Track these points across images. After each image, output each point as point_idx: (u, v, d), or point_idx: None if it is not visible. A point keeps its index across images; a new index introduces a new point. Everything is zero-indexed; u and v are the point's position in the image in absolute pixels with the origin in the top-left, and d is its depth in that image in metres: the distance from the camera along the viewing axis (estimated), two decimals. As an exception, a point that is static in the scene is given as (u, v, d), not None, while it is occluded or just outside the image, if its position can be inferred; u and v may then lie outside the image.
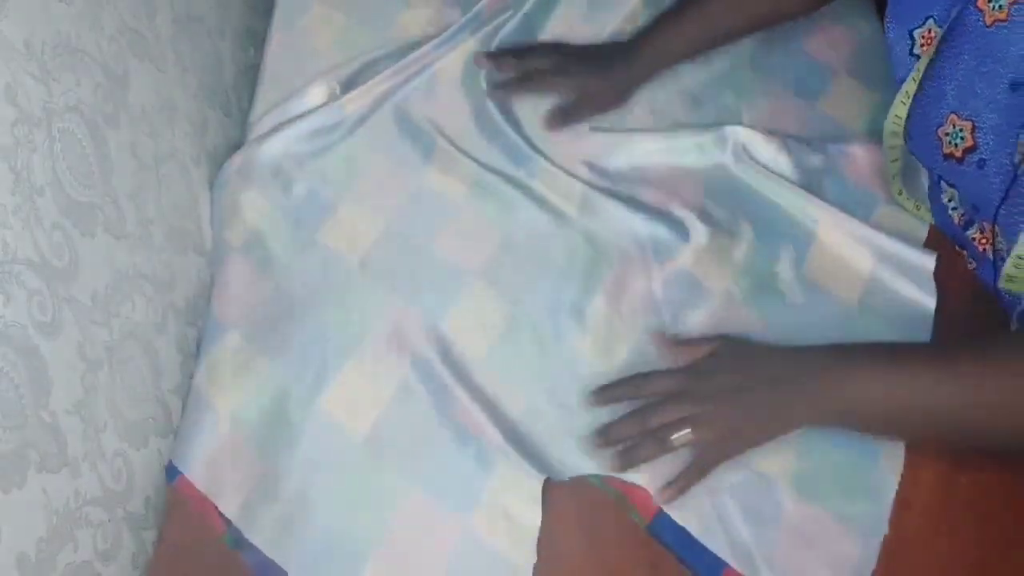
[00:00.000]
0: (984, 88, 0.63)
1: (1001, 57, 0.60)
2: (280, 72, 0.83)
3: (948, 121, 0.65)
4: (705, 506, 0.65)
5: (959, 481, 0.67)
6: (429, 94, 0.82)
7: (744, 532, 0.64)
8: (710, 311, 0.72)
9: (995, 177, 0.64)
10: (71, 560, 0.52)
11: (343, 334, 0.71)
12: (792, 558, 0.64)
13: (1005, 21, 0.58)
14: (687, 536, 0.64)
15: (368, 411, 0.68)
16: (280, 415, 0.68)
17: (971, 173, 0.66)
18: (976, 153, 0.64)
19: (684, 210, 0.77)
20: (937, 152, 0.68)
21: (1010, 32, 0.59)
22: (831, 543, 0.64)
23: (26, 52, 0.49)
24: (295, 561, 0.63)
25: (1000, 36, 0.59)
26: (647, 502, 0.65)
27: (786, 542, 0.64)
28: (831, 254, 0.75)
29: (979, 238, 0.70)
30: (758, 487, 0.66)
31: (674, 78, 0.84)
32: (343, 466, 0.66)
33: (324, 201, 0.76)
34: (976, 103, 0.63)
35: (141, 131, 0.64)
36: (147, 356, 0.63)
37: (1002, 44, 0.60)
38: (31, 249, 0.48)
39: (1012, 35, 0.59)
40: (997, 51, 0.60)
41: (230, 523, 0.65)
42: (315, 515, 0.65)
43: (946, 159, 0.67)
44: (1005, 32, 0.59)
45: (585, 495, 0.66)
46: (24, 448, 0.47)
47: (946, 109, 0.66)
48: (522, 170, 0.79)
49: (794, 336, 0.69)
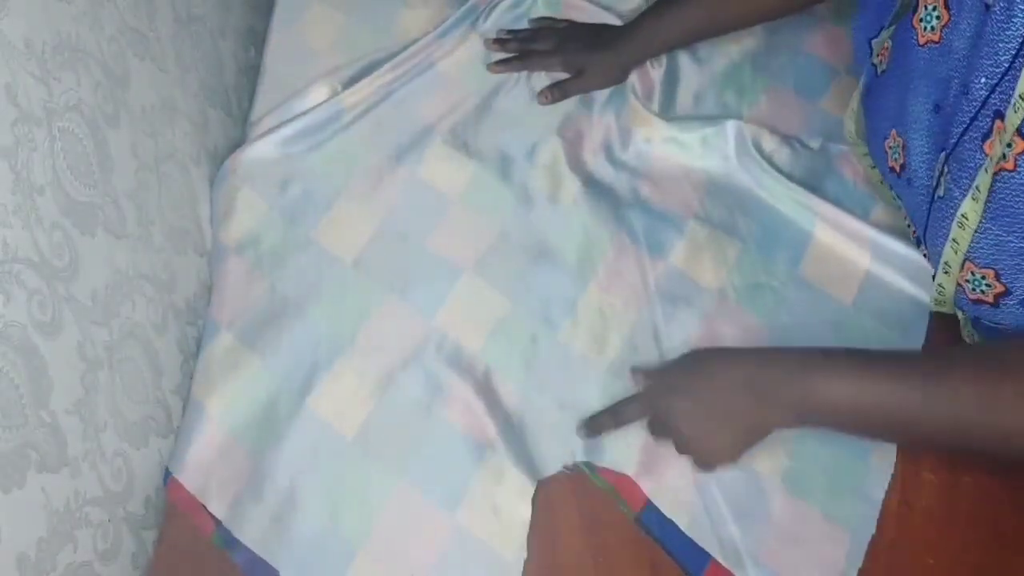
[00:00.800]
0: (912, 107, 0.63)
1: (927, 78, 0.60)
2: (280, 72, 0.83)
3: (891, 134, 0.66)
4: (694, 500, 0.65)
5: (962, 482, 0.67)
6: (428, 89, 0.82)
7: (732, 527, 0.64)
8: (703, 309, 0.73)
9: (920, 197, 0.64)
10: (71, 560, 0.52)
11: (335, 332, 0.71)
12: (779, 555, 0.64)
13: (937, 43, 0.58)
14: (675, 529, 0.65)
15: (358, 409, 0.68)
16: (269, 414, 0.68)
17: (906, 189, 0.66)
18: (906, 172, 0.65)
19: (682, 207, 0.77)
20: (885, 163, 0.69)
21: (938, 54, 0.59)
22: (819, 541, 0.64)
23: (26, 51, 0.49)
24: (285, 559, 0.64)
25: (929, 57, 0.60)
26: (635, 493, 0.66)
27: (773, 539, 0.64)
28: (828, 254, 0.75)
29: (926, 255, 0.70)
30: (748, 484, 0.66)
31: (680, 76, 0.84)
32: (332, 464, 0.67)
33: (320, 199, 0.77)
34: (907, 121, 0.64)
35: (141, 131, 0.64)
36: (147, 356, 0.63)
37: (929, 65, 0.60)
38: (31, 249, 0.48)
39: (940, 57, 0.59)
40: (925, 72, 0.61)
41: (219, 523, 0.65)
42: (304, 513, 0.65)
43: (891, 172, 0.68)
44: (934, 54, 0.59)
45: (586, 496, 0.66)
46: (24, 448, 0.47)
47: (888, 123, 0.67)
48: (521, 164, 0.79)
49: (787, 335, 0.70)
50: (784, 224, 0.76)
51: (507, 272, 0.74)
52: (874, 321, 0.73)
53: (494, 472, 0.66)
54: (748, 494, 0.66)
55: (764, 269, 0.75)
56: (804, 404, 0.59)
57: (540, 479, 0.66)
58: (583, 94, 0.83)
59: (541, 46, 0.84)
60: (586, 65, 0.82)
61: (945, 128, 0.59)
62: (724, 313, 0.73)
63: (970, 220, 0.58)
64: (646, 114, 0.81)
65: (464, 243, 0.75)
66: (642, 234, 0.76)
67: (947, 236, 0.61)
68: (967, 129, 0.57)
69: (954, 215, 0.59)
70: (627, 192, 0.78)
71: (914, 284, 0.73)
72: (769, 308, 0.73)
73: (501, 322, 0.72)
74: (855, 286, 0.74)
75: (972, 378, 0.55)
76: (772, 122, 0.81)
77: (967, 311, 0.65)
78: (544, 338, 0.71)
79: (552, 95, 0.82)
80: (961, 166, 0.58)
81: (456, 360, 0.70)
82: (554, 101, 0.82)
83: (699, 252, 0.75)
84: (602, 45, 0.83)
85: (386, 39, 0.84)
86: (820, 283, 0.74)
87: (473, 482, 0.66)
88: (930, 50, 0.58)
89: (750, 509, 0.65)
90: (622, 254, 0.75)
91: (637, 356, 0.70)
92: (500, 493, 0.65)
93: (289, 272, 0.73)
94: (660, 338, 0.71)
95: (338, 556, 0.64)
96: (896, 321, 0.73)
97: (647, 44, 0.82)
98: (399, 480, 0.66)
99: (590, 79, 0.82)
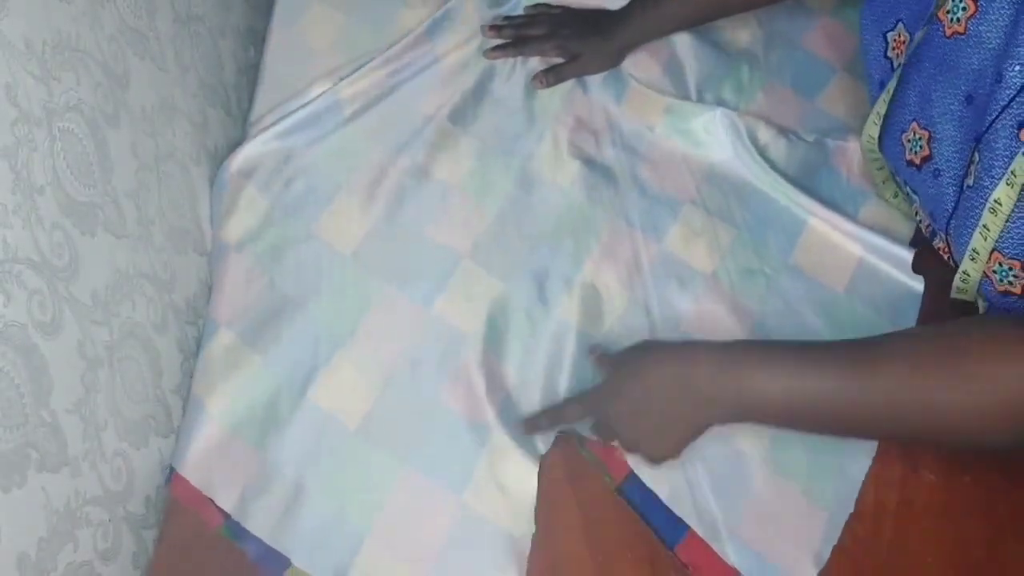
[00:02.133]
0: (941, 98, 0.63)
1: (957, 69, 0.61)
2: (280, 71, 0.83)
3: (911, 127, 0.66)
4: (676, 473, 0.67)
5: (962, 480, 0.67)
6: (429, 82, 0.82)
7: (712, 501, 0.66)
8: (695, 292, 0.73)
9: (948, 188, 0.64)
10: (71, 560, 0.52)
11: (335, 325, 0.71)
12: (755, 530, 0.65)
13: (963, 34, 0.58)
14: (655, 499, 0.66)
15: (359, 399, 0.69)
16: (271, 408, 0.68)
17: (928, 182, 0.66)
18: (932, 163, 0.65)
19: (679, 192, 0.78)
20: (901, 157, 0.69)
21: (966, 45, 0.59)
22: (796, 519, 0.66)
23: (26, 51, 0.49)
24: (295, 546, 0.64)
25: (957, 48, 0.60)
26: (620, 464, 0.67)
27: (752, 515, 0.66)
28: (820, 243, 0.76)
29: (942, 247, 0.71)
30: (731, 461, 0.67)
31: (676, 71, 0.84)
32: (336, 454, 0.67)
33: (321, 194, 0.77)
34: (933, 113, 0.64)
35: (141, 130, 0.64)
36: (147, 356, 0.63)
37: (958, 57, 0.60)
38: (31, 248, 0.48)
39: (968, 48, 0.59)
40: (953, 63, 0.61)
41: (227, 516, 0.65)
42: (311, 502, 0.66)
43: (908, 165, 0.68)
44: (962, 45, 0.59)
45: (586, 496, 0.66)
46: (24, 447, 0.47)
47: (909, 115, 0.67)
48: (519, 149, 0.80)
49: (779, 321, 0.72)
50: (778, 212, 0.77)
51: (504, 255, 0.75)
52: (866, 308, 0.74)
53: (498, 452, 0.67)
54: (731, 471, 0.67)
55: (757, 255, 0.76)
56: (739, 401, 0.59)
57: (542, 455, 0.67)
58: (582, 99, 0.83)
59: (536, 31, 0.84)
60: (581, 50, 0.83)
61: (979, 117, 0.59)
62: (716, 296, 0.74)
63: (1003, 206, 0.58)
64: (649, 100, 0.81)
65: (462, 229, 0.76)
66: (638, 216, 0.77)
67: (976, 224, 0.60)
68: (998, 116, 0.57)
69: (984, 203, 0.59)
70: (626, 174, 0.79)
71: (905, 273, 0.74)
72: (761, 293, 0.74)
73: (497, 303, 0.73)
74: (847, 274, 0.75)
75: (908, 363, 0.55)
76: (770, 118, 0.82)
77: (995, 303, 0.64)
78: (539, 315, 0.72)
79: (547, 79, 0.82)
80: (993, 154, 0.58)
81: (456, 346, 0.71)
82: (549, 85, 0.82)
83: (694, 236, 0.76)
84: (596, 30, 0.83)
85: (386, 39, 0.84)
86: (812, 271, 0.76)
87: (478, 464, 0.67)
88: (956, 41, 0.59)
89: (731, 485, 0.67)
90: (617, 234, 0.76)
91: (629, 334, 0.71)
92: (505, 472, 0.67)
93: (289, 267, 0.74)
94: (653, 317, 0.73)
95: (347, 542, 0.65)
96: (888, 308, 0.74)
97: (641, 29, 0.82)
98: (404, 466, 0.67)
99: (585, 64, 0.83)
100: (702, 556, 0.64)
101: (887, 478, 0.67)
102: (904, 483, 0.67)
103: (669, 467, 0.65)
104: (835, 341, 0.59)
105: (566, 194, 0.77)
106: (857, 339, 0.59)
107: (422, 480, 0.66)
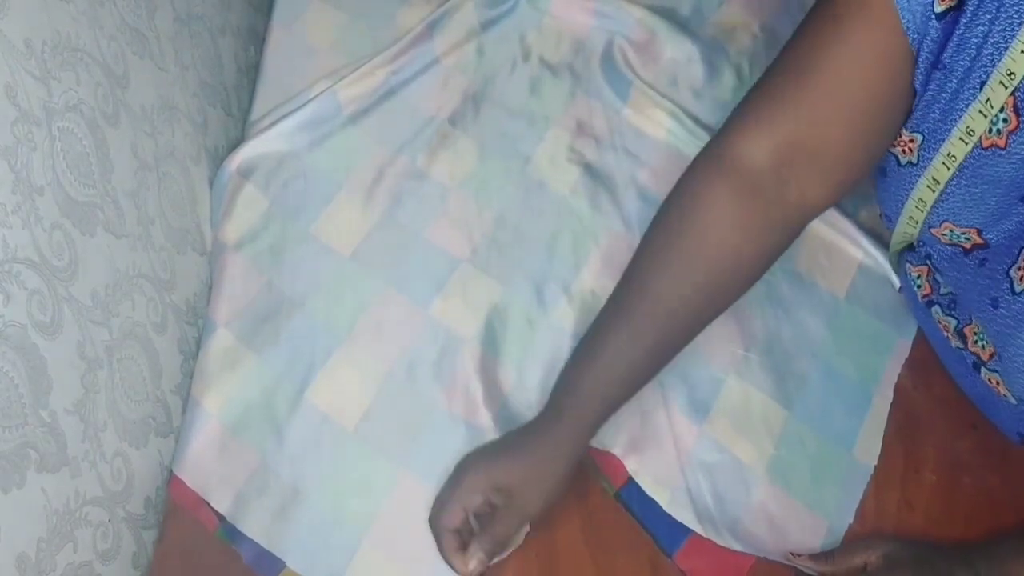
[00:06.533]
0: (987, 203, 0.58)
1: (996, 180, 0.56)
2: (280, 71, 0.83)
3: (943, 225, 0.61)
4: (677, 481, 0.66)
5: (962, 482, 0.67)
6: (428, 84, 0.82)
7: (713, 509, 0.66)
8: None
9: (987, 279, 0.59)
10: (71, 560, 0.52)
11: (332, 326, 0.71)
12: (757, 537, 0.65)
13: (1003, 148, 0.55)
14: (653, 506, 0.66)
15: (357, 400, 0.69)
16: (269, 409, 0.68)
17: (971, 267, 0.61)
18: (984, 251, 0.60)
19: None
20: (935, 241, 0.64)
21: (1006, 159, 0.54)
22: (797, 526, 0.66)
23: (26, 51, 0.49)
24: (290, 549, 0.64)
25: (995, 162, 0.55)
26: (618, 470, 0.67)
27: (753, 523, 0.66)
28: (821, 247, 0.76)
29: (942, 321, 0.67)
30: (732, 470, 0.67)
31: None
32: (333, 455, 0.67)
33: (321, 194, 0.77)
34: (976, 215, 0.59)
35: (141, 130, 0.64)
36: (147, 356, 0.63)
37: (996, 169, 0.55)
38: (31, 248, 0.48)
39: (1005, 162, 0.54)
40: (992, 175, 0.56)
41: (223, 518, 0.65)
42: (308, 504, 0.66)
43: (951, 245, 0.63)
44: (1000, 158, 0.54)
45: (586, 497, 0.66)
46: (24, 448, 0.47)
47: (941, 216, 0.61)
48: (520, 152, 0.79)
49: (779, 326, 0.72)
50: None
51: (503, 258, 0.75)
52: (867, 314, 0.74)
53: None
54: (731, 480, 0.67)
55: None
56: (555, 407, 0.61)
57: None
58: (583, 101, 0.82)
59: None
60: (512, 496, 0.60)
61: None
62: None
63: None
64: (651, 103, 0.81)
65: (461, 232, 0.76)
66: (636, 219, 0.76)
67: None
68: None
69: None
70: (626, 179, 0.79)
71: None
72: (761, 299, 0.74)
73: (497, 308, 0.73)
74: (848, 279, 0.75)
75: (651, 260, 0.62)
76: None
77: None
78: (538, 320, 0.72)
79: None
80: None
81: (454, 348, 0.71)
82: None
83: None
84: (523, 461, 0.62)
85: (386, 39, 0.84)
86: (812, 276, 0.75)
87: None
88: (994, 154, 0.56)
89: (731, 494, 0.67)
90: (615, 238, 0.76)
91: None
92: None
93: (287, 267, 0.74)
94: None
95: (343, 544, 0.65)
96: (889, 314, 0.74)
97: (585, 416, 0.62)
98: (401, 469, 0.67)
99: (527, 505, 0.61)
100: (701, 563, 0.64)
101: (887, 478, 0.67)
102: (905, 485, 0.67)
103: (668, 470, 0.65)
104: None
105: (565, 199, 0.77)
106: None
107: (419, 483, 0.66)
